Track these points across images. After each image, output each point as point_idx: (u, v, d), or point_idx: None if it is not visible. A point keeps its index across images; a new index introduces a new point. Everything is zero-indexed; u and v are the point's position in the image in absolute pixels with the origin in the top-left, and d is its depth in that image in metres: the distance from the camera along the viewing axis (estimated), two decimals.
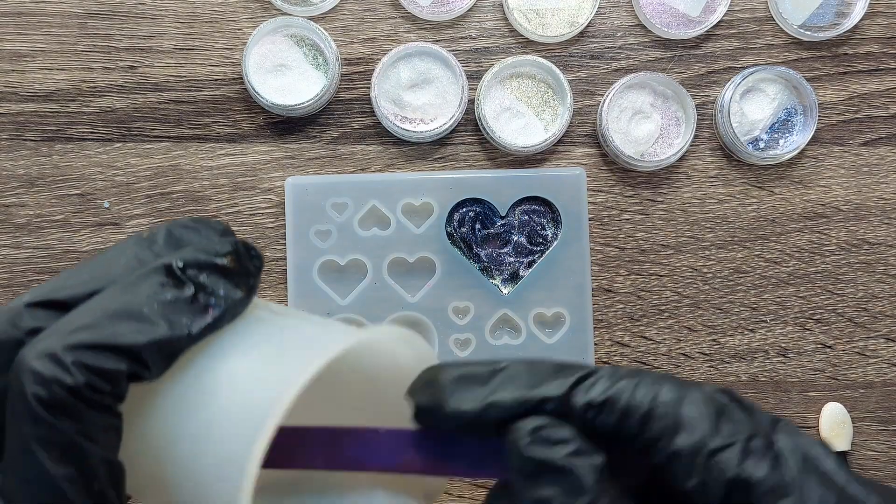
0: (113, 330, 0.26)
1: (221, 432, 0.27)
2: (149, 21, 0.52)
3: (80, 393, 0.25)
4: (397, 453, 0.28)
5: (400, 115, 0.52)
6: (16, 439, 0.26)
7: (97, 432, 0.26)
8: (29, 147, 0.51)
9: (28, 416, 0.25)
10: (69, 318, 0.26)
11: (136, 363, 0.26)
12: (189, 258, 0.27)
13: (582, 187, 0.51)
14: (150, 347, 0.26)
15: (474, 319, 0.50)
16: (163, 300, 0.27)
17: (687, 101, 0.51)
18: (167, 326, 0.26)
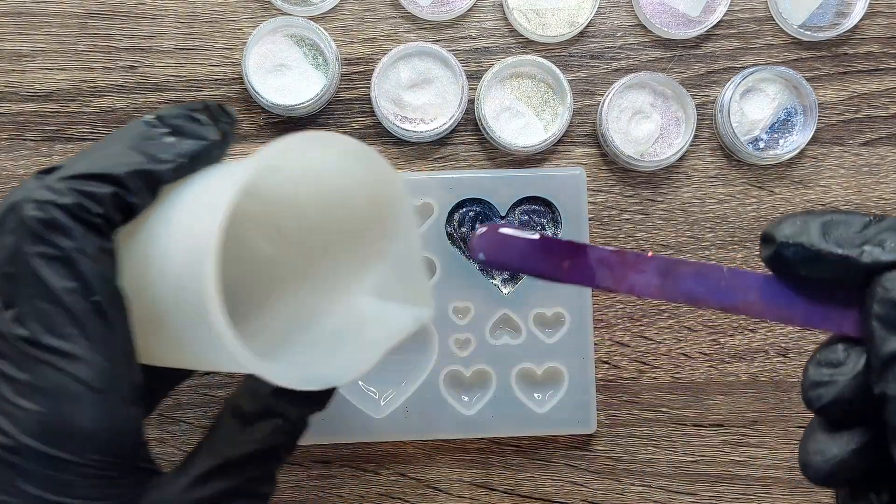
0: (100, 164, 0.31)
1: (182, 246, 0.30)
2: (149, 21, 0.52)
3: (72, 213, 0.30)
4: (740, 292, 0.29)
5: (400, 115, 0.52)
6: (21, 265, 0.30)
7: (92, 251, 0.30)
8: (29, 147, 0.51)
9: (28, 236, 0.29)
10: (65, 166, 0.31)
11: (121, 188, 0.30)
12: (166, 112, 0.33)
13: (582, 187, 0.51)
14: (131, 175, 0.31)
15: (474, 319, 0.50)
16: (142, 140, 0.32)
17: (687, 101, 0.51)
18: (144, 158, 0.31)
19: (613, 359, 0.52)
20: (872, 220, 0.28)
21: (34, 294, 0.29)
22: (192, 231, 0.30)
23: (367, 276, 0.35)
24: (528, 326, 0.50)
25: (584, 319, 0.50)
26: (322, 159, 0.33)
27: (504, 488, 0.51)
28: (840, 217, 0.28)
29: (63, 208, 0.29)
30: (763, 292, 0.29)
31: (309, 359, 0.34)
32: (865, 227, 0.28)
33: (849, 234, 0.28)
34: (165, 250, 0.30)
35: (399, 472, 0.51)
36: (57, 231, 0.29)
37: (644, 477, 0.51)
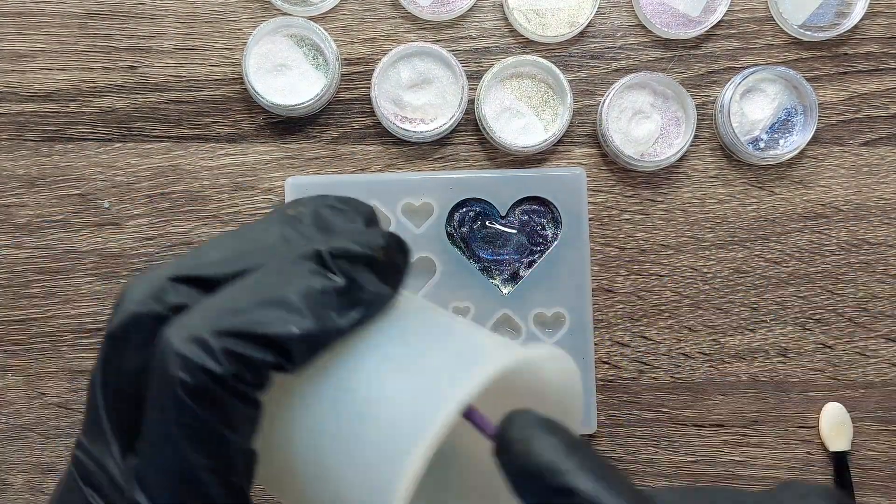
0: (262, 317, 0.25)
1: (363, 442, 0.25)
2: (149, 21, 0.52)
3: (225, 382, 0.24)
4: None
5: (400, 115, 0.52)
6: (157, 423, 0.25)
7: (238, 422, 0.25)
8: (29, 147, 0.51)
9: (172, 402, 0.25)
10: (216, 300, 0.25)
11: (282, 355, 0.25)
12: (340, 248, 0.26)
13: (582, 187, 0.51)
14: (298, 340, 0.25)
15: (474, 319, 0.50)
16: (313, 291, 0.25)
17: (687, 101, 0.51)
18: (315, 319, 0.25)
19: (613, 359, 0.52)
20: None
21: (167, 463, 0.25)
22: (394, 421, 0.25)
23: None
24: (528, 326, 0.50)
25: (584, 319, 0.50)
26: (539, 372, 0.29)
27: None
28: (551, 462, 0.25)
29: (217, 377, 0.24)
30: None
31: None
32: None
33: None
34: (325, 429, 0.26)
35: None
36: (206, 402, 0.24)
37: (644, 477, 0.51)
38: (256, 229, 0.27)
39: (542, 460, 0.25)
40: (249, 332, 0.24)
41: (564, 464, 0.24)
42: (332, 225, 0.27)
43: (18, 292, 0.51)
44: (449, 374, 0.26)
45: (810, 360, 0.52)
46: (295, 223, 0.27)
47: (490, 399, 0.29)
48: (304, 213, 0.27)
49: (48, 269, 0.51)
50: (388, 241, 0.27)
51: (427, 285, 0.50)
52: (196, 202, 0.52)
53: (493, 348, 0.26)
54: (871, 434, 0.52)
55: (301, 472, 0.27)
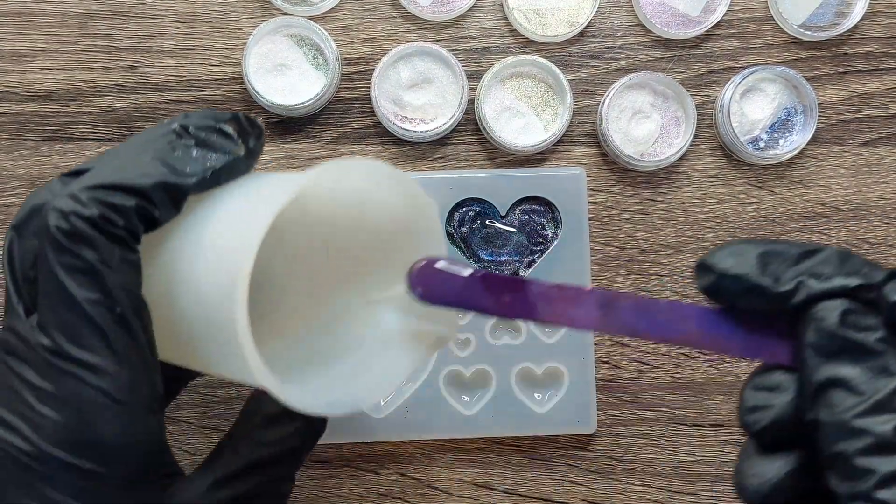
0: (124, 175, 0.30)
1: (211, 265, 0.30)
2: (149, 21, 0.52)
3: (96, 224, 0.29)
4: (679, 324, 0.29)
5: (400, 114, 0.52)
6: (44, 273, 0.30)
7: (115, 263, 0.30)
8: (29, 147, 0.51)
9: (52, 246, 0.29)
10: (89, 173, 0.31)
11: (145, 201, 0.30)
12: (194, 121, 0.32)
13: (582, 187, 0.51)
14: (155, 188, 0.30)
15: (474, 319, 0.50)
16: (167, 151, 0.31)
17: (687, 101, 0.51)
18: (169, 171, 0.31)
19: (613, 359, 0.52)
20: (808, 252, 0.28)
21: (57, 304, 0.29)
22: (224, 252, 0.30)
23: (395, 299, 0.35)
24: (528, 326, 0.50)
25: None
26: (360, 182, 0.33)
27: (504, 488, 0.51)
28: (778, 248, 0.29)
29: (87, 219, 0.29)
30: (700, 324, 0.29)
31: (331, 382, 0.34)
32: (801, 258, 0.28)
33: (785, 266, 0.28)
34: (194, 266, 0.30)
35: (399, 472, 0.51)
36: (81, 242, 0.29)
37: (644, 477, 0.51)
38: (134, 137, 0.33)
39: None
40: (113, 183, 0.30)
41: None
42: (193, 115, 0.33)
43: None
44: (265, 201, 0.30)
45: None
46: (165, 122, 0.33)
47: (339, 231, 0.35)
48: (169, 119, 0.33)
49: None
50: (236, 115, 0.33)
51: None
52: None
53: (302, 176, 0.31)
54: None
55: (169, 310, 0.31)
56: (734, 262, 0.29)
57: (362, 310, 0.36)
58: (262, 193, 0.32)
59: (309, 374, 0.34)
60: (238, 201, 0.32)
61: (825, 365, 0.27)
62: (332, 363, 0.35)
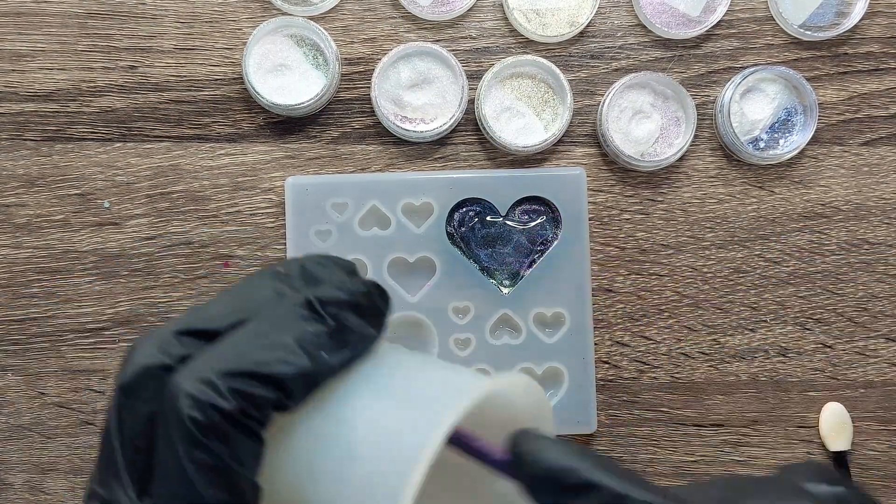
0: (262, 358, 0.27)
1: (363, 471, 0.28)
2: (149, 21, 0.52)
3: (233, 418, 0.27)
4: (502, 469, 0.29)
5: (400, 114, 0.52)
6: (169, 461, 0.27)
7: (245, 457, 0.27)
8: (29, 147, 0.51)
9: (184, 438, 0.27)
10: (219, 347, 0.28)
11: (282, 392, 0.27)
12: (328, 295, 0.29)
13: (582, 187, 0.51)
14: (295, 378, 0.27)
15: (474, 319, 0.50)
16: (306, 334, 0.28)
17: (687, 101, 0.51)
18: (310, 359, 0.28)
19: (613, 359, 0.52)
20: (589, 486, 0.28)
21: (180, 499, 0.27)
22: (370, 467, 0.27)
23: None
24: (528, 326, 0.50)
25: (584, 319, 0.50)
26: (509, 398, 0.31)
27: None
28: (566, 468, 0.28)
29: (225, 413, 0.27)
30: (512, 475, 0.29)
31: None
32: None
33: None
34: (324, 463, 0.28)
35: None
36: (216, 437, 0.27)
37: (644, 477, 0.51)
38: (251, 285, 0.30)
39: (559, 464, 0.27)
40: (252, 371, 0.27)
41: (581, 464, 0.28)
42: (318, 276, 0.30)
43: (18, 292, 0.51)
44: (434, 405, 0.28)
45: (810, 360, 0.52)
46: (284, 278, 0.30)
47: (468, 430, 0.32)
48: (293, 268, 0.30)
49: (48, 268, 0.51)
50: (369, 287, 0.30)
51: (427, 285, 0.50)
52: (196, 202, 0.52)
53: (469, 380, 0.29)
54: (871, 434, 0.52)
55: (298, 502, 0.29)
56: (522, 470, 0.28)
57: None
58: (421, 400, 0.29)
59: None
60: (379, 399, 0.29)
61: None
62: None
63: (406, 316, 0.50)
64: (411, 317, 0.50)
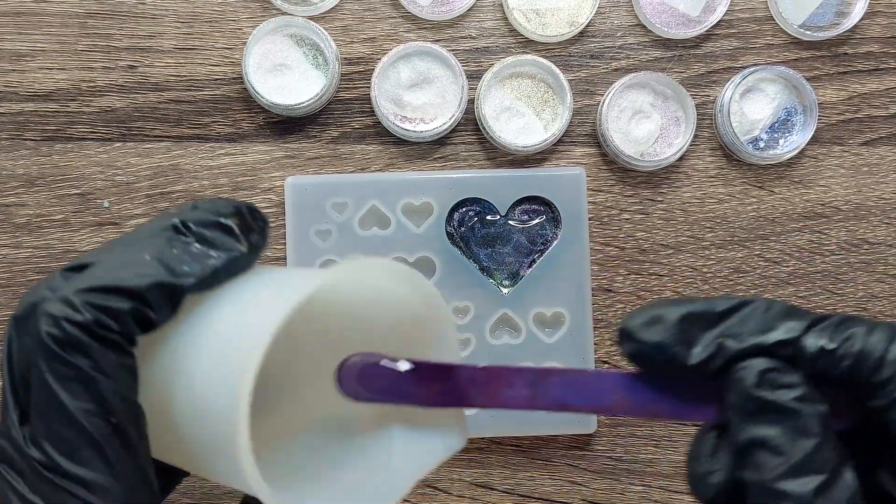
0: (119, 275, 0.29)
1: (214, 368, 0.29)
2: (149, 21, 0.52)
3: (89, 330, 0.28)
4: (608, 395, 0.29)
5: (400, 114, 0.52)
6: (35, 381, 0.28)
7: (110, 369, 0.28)
8: (29, 147, 0.51)
9: (43, 354, 0.28)
10: (86, 272, 0.29)
11: (140, 303, 0.28)
12: (194, 217, 0.31)
13: (582, 187, 0.51)
14: (151, 289, 0.29)
15: (474, 319, 0.50)
16: (165, 250, 0.30)
17: (687, 101, 0.51)
18: (166, 271, 0.29)
19: (613, 359, 0.52)
20: (731, 310, 0.28)
21: (49, 414, 0.28)
22: (227, 356, 0.28)
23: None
24: (528, 326, 0.50)
25: (584, 319, 0.50)
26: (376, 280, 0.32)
27: (504, 488, 0.51)
28: (699, 308, 0.28)
29: (80, 325, 0.28)
30: (629, 392, 0.29)
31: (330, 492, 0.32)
32: (722, 317, 0.28)
33: (705, 328, 0.28)
34: (193, 369, 0.29)
35: None
36: (74, 349, 0.28)
37: (644, 477, 0.51)
38: (139, 227, 0.32)
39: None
40: (107, 286, 0.28)
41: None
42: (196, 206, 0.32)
43: (18, 292, 0.51)
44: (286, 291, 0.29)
45: None
46: (167, 215, 0.31)
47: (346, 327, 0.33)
48: (172, 209, 0.32)
49: (48, 269, 0.51)
50: (239, 207, 0.31)
51: None
52: None
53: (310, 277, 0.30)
54: None
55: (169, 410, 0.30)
56: (653, 330, 0.28)
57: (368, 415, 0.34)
58: (270, 292, 0.30)
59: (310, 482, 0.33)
60: (241, 301, 0.30)
61: (747, 426, 0.27)
62: (335, 471, 0.33)
63: None
64: None
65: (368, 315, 0.34)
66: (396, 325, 0.33)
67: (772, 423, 0.27)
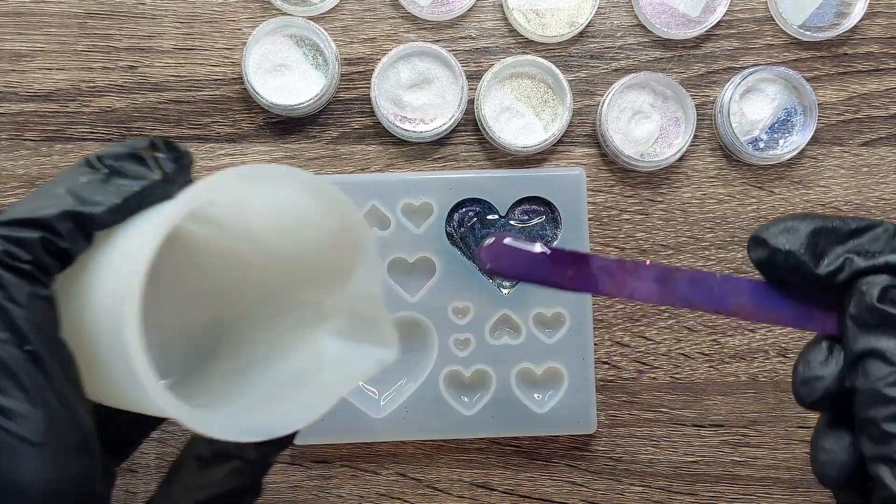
0: (30, 207, 0.29)
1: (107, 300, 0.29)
2: (149, 21, 0.52)
3: (1, 261, 0.28)
4: (732, 298, 0.32)
5: (400, 115, 0.52)
6: None
7: (23, 298, 0.28)
8: (29, 147, 0.51)
9: None
10: (2, 213, 0.30)
11: (51, 233, 0.29)
12: (108, 151, 0.32)
13: (582, 187, 0.51)
14: (59, 218, 0.29)
15: (474, 319, 0.50)
16: (77, 182, 0.30)
17: (687, 101, 0.51)
18: (75, 200, 0.30)
19: (613, 359, 0.52)
20: (860, 229, 0.30)
21: None
22: (119, 276, 0.28)
23: (329, 316, 0.33)
24: (528, 326, 0.50)
25: (584, 319, 0.50)
26: (281, 194, 0.31)
27: (504, 488, 0.51)
28: (831, 224, 0.30)
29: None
30: (753, 297, 0.31)
31: (255, 406, 0.32)
32: (852, 235, 0.30)
33: (835, 243, 0.30)
34: (98, 296, 0.29)
35: (399, 473, 0.51)
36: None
37: (644, 477, 0.51)
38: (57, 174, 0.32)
39: None
40: (17, 218, 0.29)
41: None
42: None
43: None
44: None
45: None
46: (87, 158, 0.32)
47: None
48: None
49: None
50: (153, 141, 0.32)
51: (427, 285, 0.50)
52: None
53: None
54: None
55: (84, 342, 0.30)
56: (786, 238, 0.30)
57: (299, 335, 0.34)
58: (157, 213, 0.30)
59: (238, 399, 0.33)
60: (139, 226, 0.30)
61: (864, 336, 0.29)
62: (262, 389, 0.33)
63: (406, 316, 0.50)
64: (411, 317, 0.50)
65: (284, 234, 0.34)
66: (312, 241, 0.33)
67: (890, 336, 0.28)
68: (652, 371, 0.52)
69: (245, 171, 0.29)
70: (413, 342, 0.51)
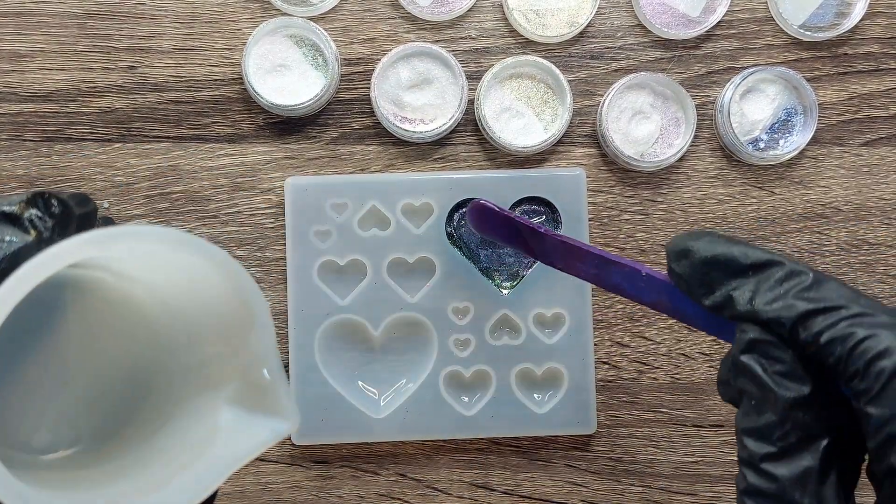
0: None
1: None
2: (148, 21, 0.52)
3: None
4: (653, 294, 0.34)
5: (400, 115, 0.52)
6: None
7: None
8: (29, 147, 0.51)
9: None
10: None
11: None
12: None
13: (582, 187, 0.51)
14: None
15: (474, 319, 0.50)
16: None
17: (687, 102, 0.51)
18: None
19: (613, 359, 0.52)
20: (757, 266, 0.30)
21: None
22: None
23: (222, 383, 0.32)
24: (528, 327, 0.50)
25: (584, 320, 0.50)
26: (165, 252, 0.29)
27: (504, 489, 0.51)
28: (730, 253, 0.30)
29: None
30: (671, 298, 0.33)
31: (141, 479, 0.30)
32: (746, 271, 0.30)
33: (725, 277, 0.30)
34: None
35: (399, 473, 0.51)
36: None
37: (644, 477, 0.51)
38: None
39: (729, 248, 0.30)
40: None
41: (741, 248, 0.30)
42: None
43: None
44: None
45: None
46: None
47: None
48: None
49: None
50: (29, 196, 0.31)
51: (427, 286, 0.50)
52: (195, 202, 0.51)
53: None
54: None
55: None
56: (680, 263, 0.31)
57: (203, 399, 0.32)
58: None
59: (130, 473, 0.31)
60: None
61: (737, 377, 0.29)
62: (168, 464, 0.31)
63: (406, 316, 0.50)
64: (411, 317, 0.50)
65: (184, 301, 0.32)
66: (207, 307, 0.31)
67: (748, 384, 0.29)
68: (652, 371, 0.52)
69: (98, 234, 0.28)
70: (413, 342, 0.51)
